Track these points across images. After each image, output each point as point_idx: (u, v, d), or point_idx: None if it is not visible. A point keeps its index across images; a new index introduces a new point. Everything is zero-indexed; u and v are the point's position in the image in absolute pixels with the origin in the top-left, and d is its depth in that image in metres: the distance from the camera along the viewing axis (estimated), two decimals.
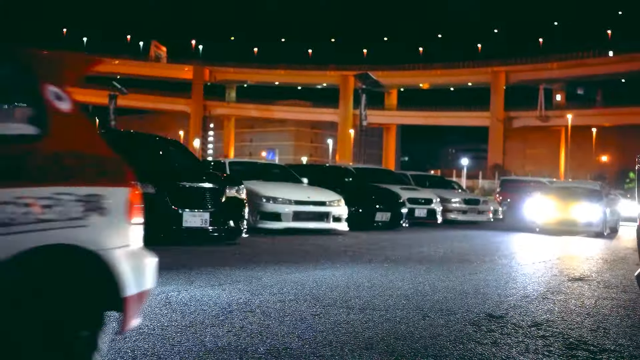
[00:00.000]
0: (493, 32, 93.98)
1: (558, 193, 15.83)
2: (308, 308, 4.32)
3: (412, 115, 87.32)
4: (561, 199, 15.07)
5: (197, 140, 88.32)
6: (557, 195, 15.48)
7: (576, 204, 14.56)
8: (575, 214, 14.36)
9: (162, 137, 10.88)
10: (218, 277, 5.49)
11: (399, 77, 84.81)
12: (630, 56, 72.02)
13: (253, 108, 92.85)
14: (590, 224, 14.17)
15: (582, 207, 14.39)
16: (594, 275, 7.04)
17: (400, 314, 4.28)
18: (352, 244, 9.53)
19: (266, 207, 10.56)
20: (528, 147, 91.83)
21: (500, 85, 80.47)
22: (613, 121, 76.16)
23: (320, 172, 15.29)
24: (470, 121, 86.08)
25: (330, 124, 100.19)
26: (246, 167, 13.01)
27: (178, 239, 8.18)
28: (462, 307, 4.62)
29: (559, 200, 15.00)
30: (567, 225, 14.32)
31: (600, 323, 4.30)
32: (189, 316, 3.90)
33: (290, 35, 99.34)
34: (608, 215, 14.77)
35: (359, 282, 5.70)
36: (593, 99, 79.29)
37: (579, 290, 5.80)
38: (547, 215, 14.69)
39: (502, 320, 4.23)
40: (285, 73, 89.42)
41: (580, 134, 76.88)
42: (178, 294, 4.63)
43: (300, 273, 6.03)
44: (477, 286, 5.74)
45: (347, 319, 4.02)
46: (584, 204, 14.47)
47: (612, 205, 15.79)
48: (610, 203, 15.71)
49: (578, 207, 14.43)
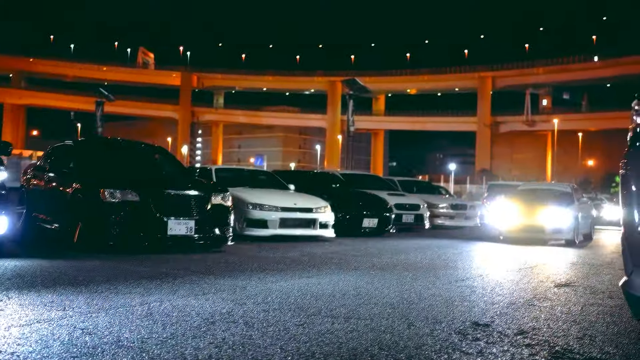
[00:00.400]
0: (479, 37, 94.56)
1: (524, 196, 14.26)
2: (292, 318, 4.27)
3: (400, 120, 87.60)
4: (527, 203, 13.54)
5: (185, 146, 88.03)
6: (523, 199, 13.93)
7: (543, 208, 12.99)
8: (542, 219, 12.81)
9: (148, 144, 10.82)
10: (202, 287, 5.43)
11: (386, 82, 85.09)
12: (614, 61, 72.70)
13: (241, 114, 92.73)
14: (559, 231, 12.71)
15: (550, 212, 12.83)
16: (580, 281, 7.02)
17: (385, 323, 4.23)
18: (339, 251, 9.49)
19: (252, 214, 10.50)
20: (515, 152, 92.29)
21: (487, 91, 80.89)
22: (599, 125, 76.76)
23: (308, 179, 15.25)
24: (457, 126, 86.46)
25: (318, 129, 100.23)
26: (233, 173, 12.96)
27: (163, 247, 8.11)
28: (448, 315, 4.58)
29: (524, 204, 13.45)
30: (533, 232, 12.88)
31: (587, 330, 4.28)
32: (170, 327, 3.84)
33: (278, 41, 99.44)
34: (580, 220, 13.38)
35: (344, 290, 5.65)
36: (579, 103, 79.87)
37: (565, 297, 5.78)
38: (511, 221, 13.16)
39: (488, 328, 4.20)
40: (273, 79, 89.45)
41: (566, 139, 77.36)
42: (160, 304, 4.56)
43: (286, 281, 5.98)
44: (463, 293, 5.71)
45: (332, 329, 3.96)
46: (552, 208, 12.92)
47: (585, 210, 14.40)
48: (583, 207, 14.32)
49: (545, 212, 12.86)
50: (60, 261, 6.82)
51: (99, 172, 8.43)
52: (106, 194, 7.71)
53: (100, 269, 6.37)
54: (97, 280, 5.53)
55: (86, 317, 4.02)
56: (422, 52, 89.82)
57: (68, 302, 4.51)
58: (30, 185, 9.85)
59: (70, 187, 8.28)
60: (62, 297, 4.66)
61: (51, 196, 8.99)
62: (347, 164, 30.03)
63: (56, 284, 5.25)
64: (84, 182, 8.12)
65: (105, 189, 7.72)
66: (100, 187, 7.75)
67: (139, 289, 5.16)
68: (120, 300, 4.67)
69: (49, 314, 4.07)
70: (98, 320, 3.96)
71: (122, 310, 4.30)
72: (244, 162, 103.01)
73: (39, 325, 3.76)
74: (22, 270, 5.97)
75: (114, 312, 4.21)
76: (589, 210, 15.21)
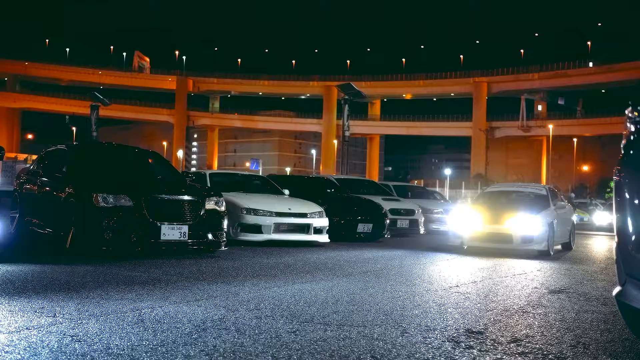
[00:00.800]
0: (475, 43, 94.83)
1: (492, 200, 12.60)
2: (284, 325, 4.24)
3: (395, 125, 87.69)
4: (494, 207, 11.80)
5: (181, 151, 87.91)
6: (490, 203, 12.26)
7: (512, 214, 11.17)
8: (510, 226, 10.97)
9: (141, 149, 10.77)
10: (194, 292, 5.39)
11: (382, 87, 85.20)
12: (609, 67, 72.96)
13: (237, 118, 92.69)
14: (530, 240, 10.86)
15: (519, 218, 11.00)
16: (574, 287, 7.01)
17: (378, 330, 4.20)
18: (333, 256, 9.46)
19: (246, 219, 10.46)
20: (510, 157, 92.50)
21: (482, 96, 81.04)
22: (594, 131, 77.02)
23: (302, 183, 15.22)
24: (453, 131, 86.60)
25: (313, 134, 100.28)
26: (227, 178, 12.92)
27: (156, 252, 8.06)
28: (442, 323, 4.55)
29: (490, 209, 11.64)
30: (499, 242, 11.12)
31: (580, 338, 4.26)
32: (160, 334, 3.80)
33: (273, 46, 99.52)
34: (557, 228, 11.62)
35: (338, 296, 5.62)
36: (574, 109, 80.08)
37: (559, 304, 5.76)
38: (475, 228, 11.30)
39: (482, 336, 4.17)
40: (268, 84, 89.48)
41: (561, 144, 77.64)
42: (152, 310, 4.52)
43: (279, 287, 5.95)
44: (457, 300, 5.68)
45: (324, 336, 3.93)
46: (523, 214, 11.12)
47: (563, 215, 12.61)
48: (561, 212, 12.50)
49: (514, 218, 11.03)
50: (52, 266, 6.77)
51: (92, 176, 8.38)
52: (99, 198, 7.67)
53: (93, 274, 6.32)
54: (89, 286, 5.49)
55: (76, 324, 3.98)
56: (418, 58, 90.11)
57: (59, 308, 4.46)
58: (23, 190, 9.80)
59: (63, 191, 8.24)
60: (53, 303, 4.62)
61: (44, 201, 8.95)
62: (343, 168, 30.01)
63: (47, 290, 5.21)
64: (77, 186, 8.07)
65: (98, 194, 7.68)
66: (94, 192, 7.71)
67: (130, 295, 5.12)
68: (112, 306, 4.63)
69: (38, 321, 4.03)
70: (88, 326, 3.92)
71: (113, 316, 4.26)
72: (240, 166, 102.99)
73: (28, 332, 3.72)
74: (13, 276, 5.92)
75: (105, 319, 4.17)
76: (568, 215, 13.50)
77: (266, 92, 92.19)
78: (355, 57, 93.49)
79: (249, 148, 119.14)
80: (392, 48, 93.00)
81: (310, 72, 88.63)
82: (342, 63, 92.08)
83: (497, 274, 8.19)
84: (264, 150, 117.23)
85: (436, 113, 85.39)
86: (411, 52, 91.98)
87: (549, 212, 11.52)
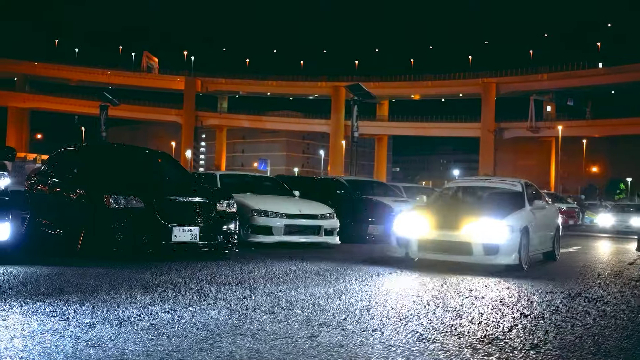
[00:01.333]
0: (484, 43, 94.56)
1: (452, 198, 10.44)
2: (299, 330, 4.19)
3: (404, 126, 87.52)
4: (453, 208, 9.60)
5: (189, 151, 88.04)
6: (448, 203, 10.17)
7: (473, 217, 8.54)
8: (469, 233, 8.32)
9: (152, 150, 10.75)
10: (207, 296, 5.35)
11: (390, 88, 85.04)
12: (619, 68, 72.56)
13: (245, 119, 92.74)
14: (494, 250, 8.22)
15: (481, 223, 8.38)
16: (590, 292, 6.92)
17: (395, 336, 4.15)
18: (345, 259, 9.40)
19: (257, 221, 10.42)
20: (519, 158, 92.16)
21: (491, 97, 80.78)
22: (603, 132, 76.62)
23: (312, 185, 15.16)
24: (461, 132, 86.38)
25: (321, 135, 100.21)
26: (237, 180, 12.89)
27: (167, 254, 8.03)
28: (458, 328, 4.49)
29: (447, 210, 9.34)
30: (455, 253, 8.43)
31: (600, 345, 4.19)
32: (175, 339, 3.76)
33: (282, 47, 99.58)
34: (534, 234, 9.05)
35: (352, 299, 5.57)
36: (583, 110, 79.69)
37: (575, 308, 5.68)
38: (426, 235, 8.64)
39: (500, 342, 4.11)
40: (277, 84, 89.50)
41: (570, 145, 77.28)
42: (165, 314, 4.48)
43: (292, 291, 5.89)
44: (472, 305, 5.62)
45: (340, 342, 3.88)
46: (486, 217, 8.50)
47: (543, 218, 9.92)
48: (541, 214, 9.74)
49: (475, 223, 8.39)
50: (64, 268, 6.75)
51: (103, 177, 8.35)
52: (110, 200, 7.64)
53: (104, 276, 6.29)
54: (101, 289, 5.45)
55: (90, 328, 3.95)
56: (426, 58, 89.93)
57: (72, 311, 4.43)
58: (34, 190, 9.79)
59: (75, 192, 8.22)
60: (66, 307, 4.58)
61: (55, 202, 8.94)
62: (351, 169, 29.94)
63: (60, 293, 5.18)
64: (88, 188, 8.05)
65: (109, 195, 7.66)
66: (105, 193, 7.68)
67: (143, 298, 5.09)
68: (125, 310, 4.59)
69: (52, 325, 4.00)
70: (102, 331, 3.88)
71: (127, 320, 4.22)
72: (247, 166, 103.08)
73: (42, 336, 3.69)
74: (25, 278, 5.90)
75: (119, 323, 4.13)
76: (551, 217, 10.66)
77: (274, 92, 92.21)
78: (364, 57, 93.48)
79: (256, 148, 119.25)
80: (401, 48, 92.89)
81: (318, 73, 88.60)
82: (351, 63, 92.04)
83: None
84: (272, 150, 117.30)
85: (444, 114, 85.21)
86: (419, 53, 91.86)
87: (523, 214, 8.99)
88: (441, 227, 8.60)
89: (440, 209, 9.38)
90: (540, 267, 9.58)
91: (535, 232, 9.17)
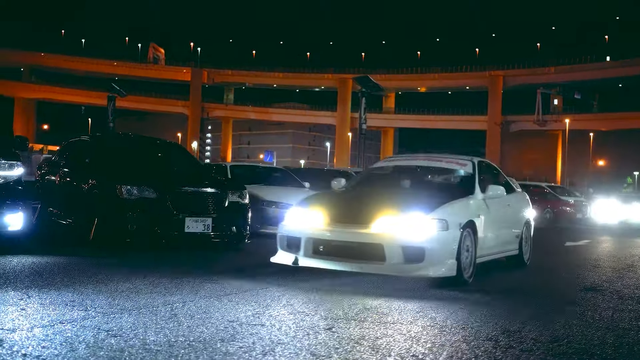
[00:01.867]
0: (491, 36, 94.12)
1: (374, 183, 7.89)
2: (319, 321, 4.16)
3: (410, 118, 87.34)
4: (364, 196, 6.94)
5: (195, 142, 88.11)
6: (364, 189, 7.57)
7: (390, 208, 6.04)
8: (381, 231, 5.81)
9: (164, 140, 10.73)
10: (223, 287, 5.33)
11: (397, 80, 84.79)
12: (626, 61, 72.17)
13: (251, 110, 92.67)
14: (417, 256, 5.70)
15: (400, 216, 5.89)
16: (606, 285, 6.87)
17: (414, 328, 4.12)
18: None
19: (268, 212, 10.39)
20: (525, 152, 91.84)
21: (498, 89, 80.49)
22: (610, 126, 76.28)
23: (321, 176, 15.12)
24: (468, 125, 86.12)
25: (327, 127, 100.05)
26: (248, 171, 12.87)
27: (179, 245, 8.01)
28: (477, 321, 4.45)
29: (356, 199, 6.79)
30: (359, 259, 5.83)
31: (622, 338, 4.15)
32: (196, 330, 3.74)
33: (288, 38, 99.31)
34: (486, 231, 6.60)
35: (368, 291, 5.55)
36: (590, 103, 79.34)
37: (593, 301, 5.63)
38: (323, 231, 6.05)
39: (519, 334, 4.07)
40: (283, 76, 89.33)
41: (577, 139, 76.93)
42: (183, 305, 4.47)
43: (307, 282, 5.85)
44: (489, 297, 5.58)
45: (362, 333, 3.86)
46: (407, 209, 5.96)
47: (505, 209, 7.44)
48: (499, 204, 7.17)
49: (390, 217, 5.89)
50: (78, 258, 6.74)
51: (116, 168, 8.33)
52: (123, 190, 7.62)
53: (118, 266, 6.28)
54: (117, 279, 5.44)
55: (109, 318, 3.93)
56: (433, 51, 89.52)
57: (89, 301, 4.42)
58: (45, 180, 9.79)
59: (87, 183, 8.20)
60: (83, 297, 4.57)
61: (67, 192, 8.92)
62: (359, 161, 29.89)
63: (75, 282, 5.17)
64: (100, 178, 8.04)
65: (122, 186, 7.63)
66: (117, 184, 7.66)
67: (159, 289, 5.07)
68: (142, 300, 4.58)
69: (71, 314, 3.98)
70: (122, 321, 3.87)
71: (145, 311, 4.21)
72: (253, 158, 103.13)
73: (62, 326, 3.67)
74: (40, 268, 5.89)
75: (137, 313, 4.12)
76: (517, 209, 8.00)
77: (281, 84, 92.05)
78: (370, 50, 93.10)
79: (263, 140, 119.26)
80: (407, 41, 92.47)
81: (324, 65, 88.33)
82: (357, 56, 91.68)
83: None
84: (278, 142, 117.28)
85: (451, 107, 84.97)
86: (426, 45, 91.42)
87: (466, 204, 6.47)
88: (344, 221, 5.97)
89: (348, 198, 6.81)
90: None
91: (488, 229, 6.66)
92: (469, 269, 6.17)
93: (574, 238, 14.88)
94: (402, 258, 5.67)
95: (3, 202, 6.54)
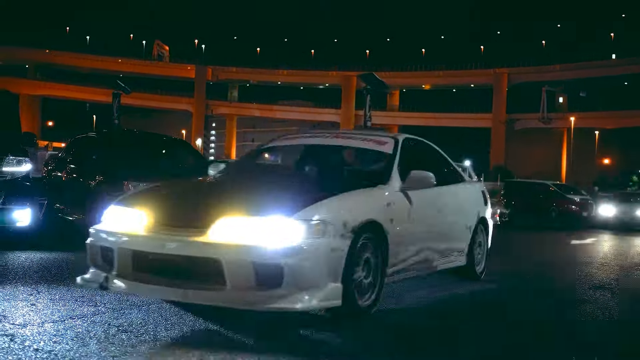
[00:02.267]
0: (495, 33, 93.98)
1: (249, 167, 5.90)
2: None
3: (414, 116, 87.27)
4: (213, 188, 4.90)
5: (199, 139, 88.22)
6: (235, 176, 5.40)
7: (236, 206, 3.96)
8: (219, 239, 3.71)
9: (170, 137, 10.72)
10: None
11: (401, 78, 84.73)
12: (632, 59, 71.99)
13: (255, 108, 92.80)
14: (274, 278, 3.55)
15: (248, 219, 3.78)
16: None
17: (430, 323, 4.10)
18: None
19: None
20: (530, 149, 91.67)
21: (503, 87, 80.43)
22: (615, 124, 76.10)
23: None
24: (472, 122, 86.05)
25: (331, 124, 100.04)
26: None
27: None
28: (493, 317, 4.44)
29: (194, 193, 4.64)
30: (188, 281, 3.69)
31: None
32: (211, 324, 3.72)
33: (292, 36, 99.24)
34: (403, 235, 4.63)
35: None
36: (596, 101, 79.15)
37: (602, 299, 5.61)
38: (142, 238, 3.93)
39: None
40: (287, 73, 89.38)
41: (582, 137, 76.76)
42: None
43: None
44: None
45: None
46: (267, 209, 3.81)
47: (440, 204, 5.47)
48: (430, 197, 5.20)
49: (235, 219, 3.80)
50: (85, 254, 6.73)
51: (123, 164, 8.33)
52: (130, 186, 7.61)
53: None
54: None
55: (119, 314, 3.93)
56: (438, 48, 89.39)
57: (99, 297, 4.41)
58: (52, 176, 9.79)
59: (94, 179, 8.20)
60: (92, 292, 4.57)
61: (73, 188, 8.92)
62: None
63: None
64: (107, 174, 8.04)
65: (129, 182, 7.63)
66: (124, 180, 7.66)
67: None
68: None
69: (81, 310, 3.98)
70: (132, 317, 3.86)
71: (155, 307, 4.20)
72: None
73: (73, 321, 3.67)
74: (49, 263, 5.90)
75: (147, 309, 4.11)
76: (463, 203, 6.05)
77: (285, 81, 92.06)
78: (375, 47, 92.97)
79: (266, 137, 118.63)
80: (412, 39, 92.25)
81: (329, 62, 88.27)
82: (361, 53, 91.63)
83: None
84: None
85: (456, 104, 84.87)
86: (431, 43, 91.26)
87: (367, 197, 4.50)
88: (171, 224, 3.95)
89: (190, 191, 4.73)
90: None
91: (409, 232, 4.76)
92: (369, 294, 4.15)
93: (580, 236, 14.84)
94: (253, 281, 3.56)
95: (12, 198, 6.55)
